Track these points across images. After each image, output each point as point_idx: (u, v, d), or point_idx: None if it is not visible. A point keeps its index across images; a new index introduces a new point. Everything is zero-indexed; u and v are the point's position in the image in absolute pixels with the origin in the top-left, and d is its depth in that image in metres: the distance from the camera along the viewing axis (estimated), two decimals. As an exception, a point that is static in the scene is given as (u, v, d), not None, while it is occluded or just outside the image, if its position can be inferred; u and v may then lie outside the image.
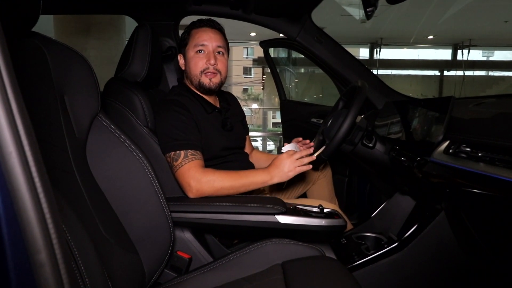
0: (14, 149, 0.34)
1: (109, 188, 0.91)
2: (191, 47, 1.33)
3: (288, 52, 8.01)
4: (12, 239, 0.35)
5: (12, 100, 0.35)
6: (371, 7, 1.07)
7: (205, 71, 1.32)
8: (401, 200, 1.37)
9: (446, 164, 0.93)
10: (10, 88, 0.36)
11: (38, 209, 0.35)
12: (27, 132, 0.36)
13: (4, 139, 0.34)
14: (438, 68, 10.66)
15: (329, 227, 1.08)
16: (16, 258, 0.35)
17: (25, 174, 0.35)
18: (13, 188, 0.34)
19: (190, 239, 1.15)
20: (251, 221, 1.08)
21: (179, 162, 1.17)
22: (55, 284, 0.35)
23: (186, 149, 1.18)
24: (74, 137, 0.85)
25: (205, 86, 1.33)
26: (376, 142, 1.35)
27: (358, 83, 1.36)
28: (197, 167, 1.17)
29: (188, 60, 1.35)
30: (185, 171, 1.15)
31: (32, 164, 0.36)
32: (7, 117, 0.35)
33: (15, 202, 0.35)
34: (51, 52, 0.84)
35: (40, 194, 0.36)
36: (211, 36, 1.33)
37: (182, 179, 1.16)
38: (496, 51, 11.71)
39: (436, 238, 1.11)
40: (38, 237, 0.35)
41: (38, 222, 0.35)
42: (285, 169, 1.18)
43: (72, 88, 0.87)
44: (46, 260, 0.35)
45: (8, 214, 0.35)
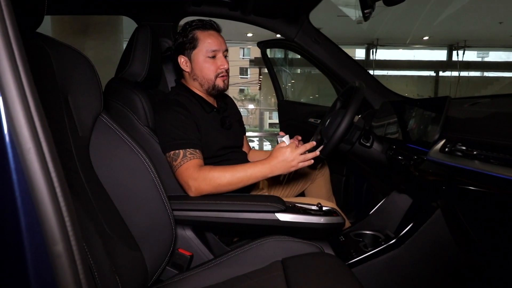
0: (33, 145, 0.36)
1: (112, 186, 0.92)
2: (202, 52, 1.33)
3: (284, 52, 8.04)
4: (29, 231, 0.37)
5: (30, 98, 0.37)
6: (369, 9, 1.09)
7: (219, 74, 1.36)
8: (398, 198, 1.39)
9: (442, 162, 0.96)
10: (28, 87, 0.37)
11: (55, 202, 0.37)
12: (44, 129, 0.38)
13: (23, 135, 0.36)
14: (434, 69, 10.74)
15: (328, 225, 1.11)
16: (33, 249, 0.37)
17: (43, 169, 0.36)
18: (31, 182, 0.36)
19: (191, 237, 1.16)
20: (251, 219, 1.10)
21: (178, 162, 1.18)
22: (71, 275, 0.37)
23: (185, 148, 1.20)
24: (78, 137, 0.87)
25: (219, 88, 1.38)
26: (373, 141, 1.38)
27: (356, 84, 1.38)
28: (195, 166, 1.18)
29: (199, 64, 1.35)
30: (183, 170, 1.17)
31: (49, 159, 0.37)
32: (26, 115, 0.36)
33: (33, 195, 0.36)
34: (55, 53, 0.85)
35: (57, 188, 0.37)
36: (220, 40, 1.36)
37: (181, 178, 1.18)
38: (491, 52, 11.80)
39: (432, 235, 1.13)
40: (55, 229, 0.37)
41: (55, 215, 0.37)
42: (287, 162, 1.17)
43: (75, 89, 0.88)
44: (63, 251, 0.37)
45: (26, 206, 0.36)
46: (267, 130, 12.07)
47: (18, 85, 0.36)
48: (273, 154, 1.19)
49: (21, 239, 0.37)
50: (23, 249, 0.37)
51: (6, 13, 0.37)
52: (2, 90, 0.36)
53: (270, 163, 1.18)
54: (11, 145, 0.36)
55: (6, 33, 0.36)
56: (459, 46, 9.63)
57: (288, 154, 1.17)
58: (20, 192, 0.36)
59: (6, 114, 0.36)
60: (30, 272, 0.37)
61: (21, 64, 0.37)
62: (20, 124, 0.36)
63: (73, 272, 0.37)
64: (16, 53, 0.37)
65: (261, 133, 8.48)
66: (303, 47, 1.78)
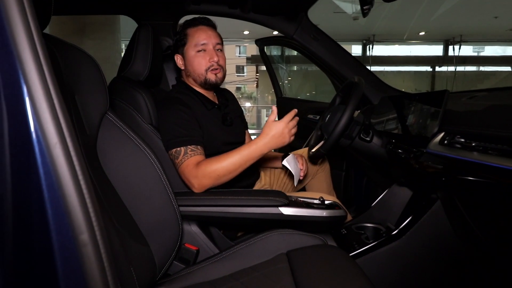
0: (58, 141, 0.38)
1: (119, 183, 0.94)
2: (191, 47, 1.37)
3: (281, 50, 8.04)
4: (56, 222, 0.39)
5: (54, 96, 0.39)
6: (368, 5, 1.11)
7: (210, 68, 1.36)
8: (398, 191, 1.42)
9: (442, 154, 0.98)
10: (52, 86, 0.39)
11: (80, 194, 0.39)
12: (67, 125, 0.40)
13: (49, 131, 0.38)
14: (430, 64, 10.78)
15: (331, 218, 1.13)
16: (60, 239, 0.39)
17: (68, 163, 0.38)
18: (58, 175, 0.38)
19: (197, 232, 1.18)
20: (256, 213, 1.12)
21: (180, 160, 1.20)
22: (96, 262, 0.39)
23: (186, 146, 1.22)
24: (85, 135, 0.88)
25: (211, 82, 1.38)
26: (373, 136, 1.40)
27: (355, 79, 1.40)
28: (194, 163, 1.19)
29: (190, 59, 1.38)
30: (184, 168, 1.19)
31: (73, 153, 0.39)
32: (51, 112, 0.38)
33: (59, 188, 0.38)
34: (61, 53, 0.87)
35: (81, 181, 0.39)
36: (210, 34, 1.37)
37: (183, 176, 1.20)
38: (486, 47, 11.85)
39: (432, 226, 1.16)
40: (81, 219, 0.39)
41: (80, 206, 0.39)
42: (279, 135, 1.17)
43: (82, 88, 0.90)
44: (88, 240, 0.39)
45: (53, 199, 0.39)
46: (265, 128, 12.04)
47: (43, 84, 0.38)
48: (264, 131, 1.20)
49: (49, 230, 0.39)
50: (51, 239, 0.39)
51: (30, 15, 0.39)
52: (29, 89, 0.37)
53: (263, 140, 1.18)
54: (37, 141, 0.38)
55: (30, 35, 0.38)
56: (455, 41, 9.67)
57: (279, 126, 1.18)
58: (46, 186, 0.38)
59: (33, 112, 0.38)
60: (58, 261, 0.39)
61: (45, 64, 0.39)
62: (46, 121, 0.38)
63: (98, 260, 0.39)
64: (40, 54, 0.39)
65: (259, 130, 8.49)
66: (302, 44, 1.80)
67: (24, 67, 0.38)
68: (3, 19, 0.38)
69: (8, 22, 0.37)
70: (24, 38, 0.38)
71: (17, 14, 0.38)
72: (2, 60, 0.38)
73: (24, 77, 0.38)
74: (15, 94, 0.38)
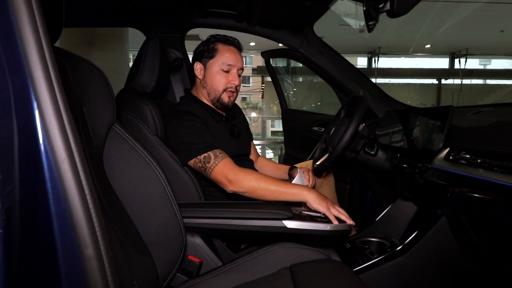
0: (66, 156, 0.39)
1: (125, 194, 0.95)
2: (218, 63, 1.39)
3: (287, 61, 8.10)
4: (62, 235, 0.39)
5: (63, 111, 0.40)
6: (373, 21, 1.12)
7: (227, 89, 1.39)
8: (403, 205, 1.41)
9: (447, 170, 0.98)
10: (61, 100, 0.40)
11: (86, 209, 0.39)
12: (75, 140, 0.40)
13: (57, 147, 0.39)
14: (436, 77, 10.76)
15: (334, 232, 1.12)
16: (65, 252, 0.40)
17: (75, 178, 0.39)
18: (65, 190, 0.39)
19: (200, 244, 1.18)
20: (259, 226, 1.12)
21: (213, 162, 1.22)
22: (100, 276, 0.39)
23: (213, 149, 1.24)
24: (92, 146, 0.89)
25: (224, 103, 1.41)
26: (378, 149, 1.40)
27: (360, 93, 1.41)
28: (232, 163, 1.23)
29: (212, 73, 1.40)
30: (222, 167, 1.21)
31: (80, 169, 0.40)
32: (60, 127, 0.39)
33: (66, 203, 0.39)
34: (71, 65, 0.88)
35: (87, 196, 0.40)
36: (238, 58, 1.41)
37: (221, 174, 1.21)
38: (493, 60, 11.83)
39: (437, 242, 1.14)
40: (86, 234, 0.39)
41: (86, 220, 0.39)
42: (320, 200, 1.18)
43: (90, 100, 0.91)
44: (93, 255, 0.39)
45: (59, 213, 0.39)
46: (270, 138, 12.08)
47: (53, 100, 0.39)
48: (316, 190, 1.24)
49: (54, 243, 0.39)
50: (56, 253, 0.39)
51: (42, 32, 0.40)
52: (39, 105, 0.38)
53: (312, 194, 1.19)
54: (46, 156, 0.39)
55: (42, 52, 0.39)
56: (461, 54, 9.67)
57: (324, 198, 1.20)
58: (54, 200, 0.39)
59: (42, 127, 0.39)
60: (62, 275, 0.39)
61: (55, 81, 0.40)
62: (55, 136, 0.39)
63: (102, 274, 0.40)
64: (51, 70, 0.40)
65: (264, 141, 8.49)
66: (307, 57, 1.82)
67: (35, 84, 0.39)
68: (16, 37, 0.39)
69: (20, 40, 0.39)
70: (36, 55, 0.39)
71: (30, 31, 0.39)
72: (14, 76, 0.39)
73: (34, 93, 0.39)
74: (26, 109, 0.39)
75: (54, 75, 0.40)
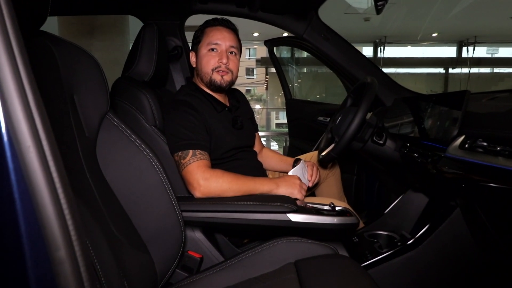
0: (32, 143, 0.33)
1: (119, 187, 0.90)
2: (204, 45, 1.33)
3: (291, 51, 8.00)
4: (30, 236, 0.34)
5: (30, 94, 0.34)
6: (382, 1, 1.05)
7: (216, 69, 1.32)
8: (414, 197, 1.35)
9: (462, 159, 0.92)
10: (28, 82, 0.35)
11: (57, 204, 0.34)
12: (45, 127, 0.35)
13: (21, 133, 0.33)
14: (443, 66, 10.59)
15: (342, 225, 1.07)
16: (34, 255, 0.34)
17: (44, 169, 0.34)
18: (31, 182, 0.33)
19: (201, 238, 1.13)
20: (263, 220, 1.07)
21: (187, 160, 1.16)
22: (75, 282, 0.34)
23: (194, 149, 1.18)
24: (84, 137, 0.84)
25: (216, 83, 1.33)
26: (386, 138, 1.34)
27: (368, 80, 1.34)
28: (206, 166, 1.16)
29: (200, 57, 1.34)
30: (193, 168, 1.14)
31: (50, 158, 0.34)
32: (25, 110, 0.34)
33: (33, 197, 0.34)
34: (60, 51, 0.83)
35: (59, 189, 0.34)
36: (225, 35, 1.33)
37: (190, 176, 1.15)
38: (500, 48, 11.61)
39: (451, 235, 1.09)
40: (57, 234, 0.34)
41: (57, 218, 0.34)
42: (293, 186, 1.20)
43: (81, 88, 0.86)
44: (66, 258, 0.34)
45: (26, 209, 0.34)
46: (274, 130, 12.02)
47: (16, 80, 0.34)
48: (285, 177, 1.24)
49: (22, 245, 0.34)
50: (24, 256, 0.34)
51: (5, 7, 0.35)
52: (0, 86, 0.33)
53: (278, 183, 1.21)
54: (9, 144, 0.33)
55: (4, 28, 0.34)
56: (469, 42, 9.48)
57: (296, 183, 1.22)
58: (19, 194, 0.34)
59: (4, 110, 0.33)
60: (31, 281, 0.34)
61: (20, 58, 0.35)
62: (18, 121, 0.33)
63: (76, 279, 0.34)
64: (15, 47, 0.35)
65: (268, 132, 8.44)
66: (312, 43, 1.75)
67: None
68: None
69: None
70: None
71: None
72: None
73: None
74: None
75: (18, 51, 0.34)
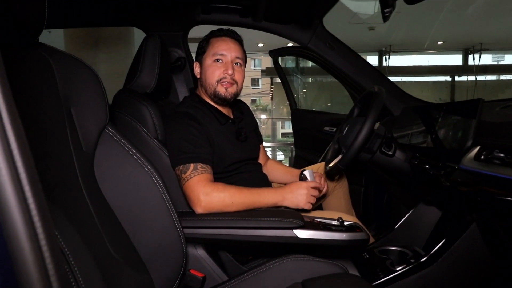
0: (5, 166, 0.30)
1: (118, 203, 0.86)
2: (209, 56, 1.30)
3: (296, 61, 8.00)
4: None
5: (3, 108, 0.31)
6: (389, 8, 1.02)
7: (221, 80, 1.28)
8: (426, 210, 1.29)
9: (478, 171, 0.87)
10: (1, 95, 0.31)
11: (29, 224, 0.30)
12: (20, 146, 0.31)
13: None
14: (449, 74, 10.52)
15: (351, 242, 1.02)
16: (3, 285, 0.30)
17: (17, 194, 0.30)
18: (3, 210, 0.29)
19: (204, 256, 1.09)
20: (268, 236, 1.02)
21: (188, 174, 1.12)
22: None
23: (195, 162, 1.14)
24: (81, 151, 0.81)
25: (220, 96, 1.29)
26: (395, 149, 1.29)
27: (375, 89, 1.30)
28: (207, 180, 1.12)
29: (205, 68, 1.31)
30: (194, 183, 1.10)
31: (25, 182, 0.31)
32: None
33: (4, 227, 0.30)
34: (58, 63, 0.80)
35: (35, 218, 0.30)
36: (231, 46, 1.30)
37: (191, 191, 1.11)
38: (506, 55, 11.53)
39: (468, 251, 1.03)
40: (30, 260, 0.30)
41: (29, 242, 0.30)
42: (300, 198, 1.16)
43: (79, 100, 0.83)
44: None
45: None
46: (280, 140, 11.98)
47: None
48: (289, 186, 1.19)
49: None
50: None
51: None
52: None
53: (283, 194, 1.17)
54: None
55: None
56: (474, 50, 9.42)
57: (302, 189, 1.17)
58: None
59: None
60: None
61: None
62: None
63: None
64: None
65: (274, 143, 8.40)
66: (317, 52, 1.71)
67: None
68: None
69: None
70: None
71: None
72: None
73: None
74: None
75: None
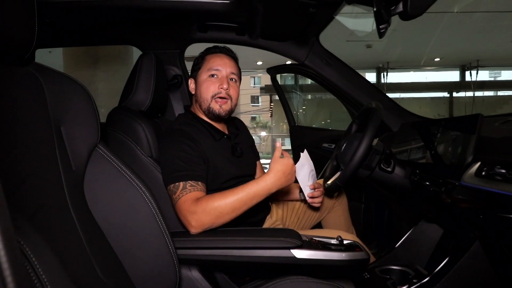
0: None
1: (108, 224, 0.84)
2: (204, 71, 1.30)
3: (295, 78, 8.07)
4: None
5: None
6: (384, 24, 1.01)
7: (216, 95, 1.27)
8: (427, 228, 1.26)
9: (480, 188, 0.84)
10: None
11: None
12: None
13: None
14: (447, 90, 10.60)
15: (351, 261, 0.98)
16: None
17: None
18: None
19: (198, 278, 1.05)
20: (265, 257, 0.99)
21: (177, 195, 1.09)
22: None
23: (185, 180, 1.10)
24: (70, 171, 0.79)
25: (214, 112, 1.28)
26: (394, 166, 1.27)
27: (373, 105, 1.29)
28: (193, 199, 1.07)
29: (200, 83, 1.31)
30: (181, 204, 1.07)
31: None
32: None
33: None
34: (48, 81, 0.79)
35: None
36: (226, 62, 1.30)
37: (180, 214, 1.08)
38: (503, 71, 11.66)
39: (471, 270, 0.99)
40: None
41: None
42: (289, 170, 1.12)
43: (69, 119, 0.81)
44: None
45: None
46: (280, 157, 11.97)
47: None
48: (274, 167, 1.13)
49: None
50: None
51: None
52: None
53: (273, 177, 1.11)
54: None
55: None
56: (471, 66, 9.52)
57: (288, 162, 1.13)
58: None
59: None
60: None
61: None
62: None
63: None
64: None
65: (274, 160, 8.38)
66: (314, 69, 1.71)
67: None
68: None
69: None
70: None
71: None
72: None
73: None
74: None
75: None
